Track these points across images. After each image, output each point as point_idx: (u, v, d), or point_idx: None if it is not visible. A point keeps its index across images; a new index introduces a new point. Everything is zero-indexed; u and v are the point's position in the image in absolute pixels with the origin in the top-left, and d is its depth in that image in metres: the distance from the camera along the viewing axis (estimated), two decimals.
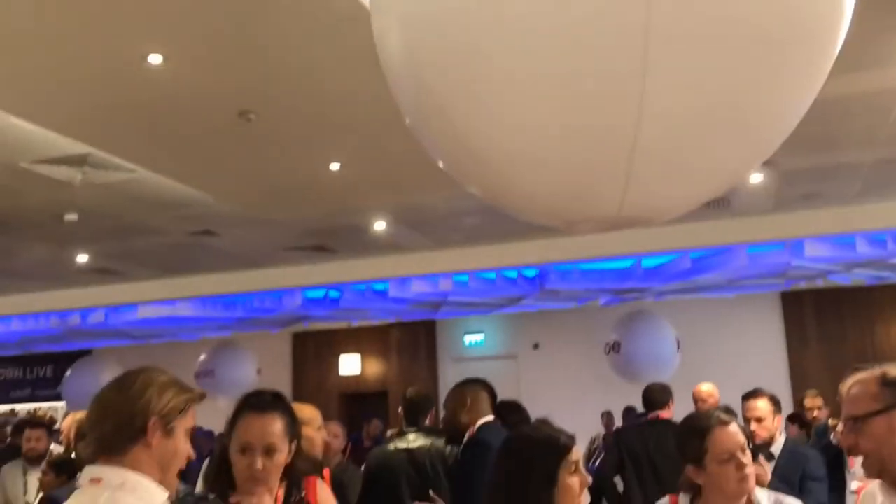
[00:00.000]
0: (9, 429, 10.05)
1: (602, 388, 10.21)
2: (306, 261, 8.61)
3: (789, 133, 1.71)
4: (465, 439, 3.72)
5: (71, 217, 6.70)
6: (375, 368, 13.30)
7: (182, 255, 8.23)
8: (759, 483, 2.59)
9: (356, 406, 12.53)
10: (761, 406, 3.82)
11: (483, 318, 11.92)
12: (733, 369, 9.36)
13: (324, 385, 12.84)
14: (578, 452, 2.20)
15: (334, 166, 5.69)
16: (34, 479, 5.46)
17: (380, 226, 7.39)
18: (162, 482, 1.79)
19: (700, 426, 2.41)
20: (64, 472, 5.23)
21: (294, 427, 2.31)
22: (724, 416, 2.44)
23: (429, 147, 1.81)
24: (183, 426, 1.84)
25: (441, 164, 1.86)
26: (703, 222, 7.41)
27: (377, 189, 6.34)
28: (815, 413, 6.14)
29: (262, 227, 7.35)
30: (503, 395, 4.28)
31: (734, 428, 2.42)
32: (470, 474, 3.45)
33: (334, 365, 13.11)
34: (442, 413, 4.17)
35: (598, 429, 10.16)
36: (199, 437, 6.93)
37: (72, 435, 5.42)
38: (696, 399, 5.70)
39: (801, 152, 5.68)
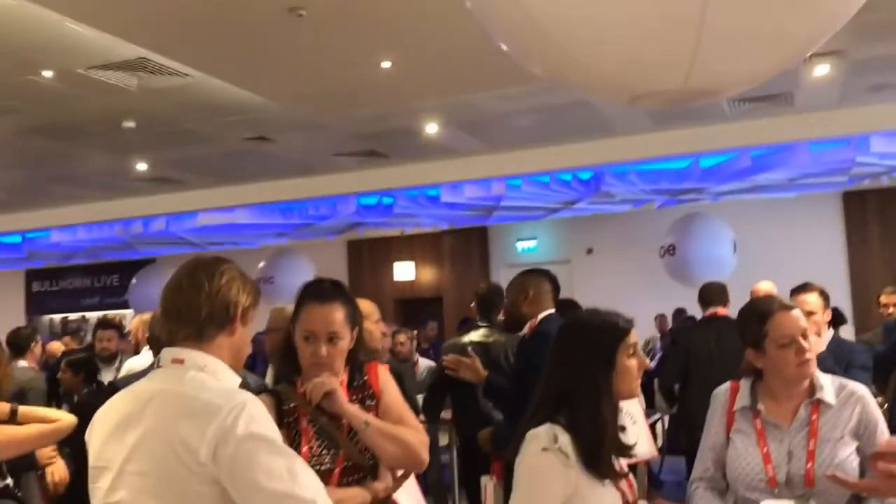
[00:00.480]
0: (83, 333, 10.54)
1: (656, 293, 10.17)
2: (360, 167, 8.64)
3: (857, 7, 1.64)
4: (527, 331, 3.65)
5: (129, 124, 6.81)
6: (429, 275, 13.45)
7: (238, 163, 8.33)
8: None
9: (411, 311, 12.75)
10: (811, 300, 3.69)
11: (536, 224, 11.90)
12: (791, 271, 9.12)
13: (379, 291, 13.06)
14: (636, 335, 2.22)
15: (385, 65, 5.63)
16: (108, 376, 5.74)
17: (432, 129, 7.34)
18: (234, 367, 1.86)
19: (761, 310, 2.40)
20: (82, 371, 5.50)
21: (355, 315, 2.35)
22: (786, 302, 2.43)
23: (491, 27, 1.77)
24: (252, 318, 1.91)
25: (503, 45, 1.82)
26: (764, 119, 7.20)
27: (429, 88, 6.25)
28: (891, 310, 6.08)
29: (315, 132, 7.37)
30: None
31: (796, 313, 2.40)
32: (532, 367, 3.35)
33: (389, 272, 13.30)
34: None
35: (652, 332, 10.20)
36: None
37: (140, 335, 5.67)
38: (754, 297, 5.66)
39: (870, 40, 5.43)
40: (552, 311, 3.60)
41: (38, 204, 9.88)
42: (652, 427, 5.87)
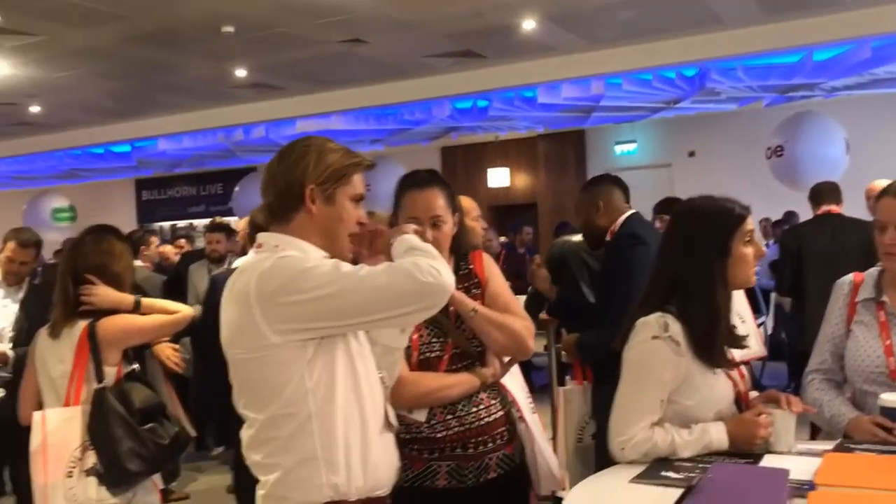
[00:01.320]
0: (193, 239, 10.98)
1: (761, 196, 9.69)
2: (454, 69, 8.51)
3: None
4: (609, 238, 3.50)
5: (228, 29, 6.87)
6: (523, 181, 13.33)
7: (334, 67, 8.34)
8: None
9: (506, 217, 12.71)
10: None
11: (634, 126, 11.55)
12: None
13: (473, 197, 12.89)
14: (752, 222, 2.14)
15: None
16: None
17: (528, 25, 7.13)
18: (329, 249, 1.82)
19: None
20: None
21: (454, 200, 2.35)
22: None
23: None
24: (346, 193, 1.82)
25: None
26: (887, 5, 6.68)
27: None
28: None
29: (408, 32, 7.27)
30: None
31: None
32: (620, 268, 3.24)
33: (483, 178, 13.22)
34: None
35: (757, 237, 9.89)
36: None
37: (246, 235, 5.86)
38: (868, 196, 5.41)
39: None
40: (629, 212, 3.42)
41: (145, 113, 10.21)
42: None
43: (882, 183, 5.58)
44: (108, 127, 10.73)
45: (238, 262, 5.56)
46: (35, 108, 9.88)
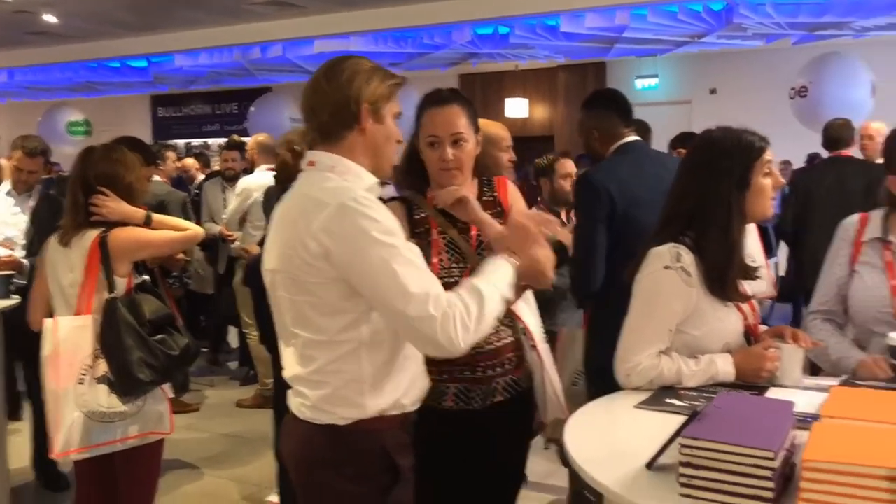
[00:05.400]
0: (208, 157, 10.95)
1: (784, 137, 9.49)
2: None
3: None
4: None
5: None
6: (542, 113, 13.16)
7: None
8: None
9: (522, 149, 12.53)
10: None
11: (657, 61, 11.33)
12: None
13: None
14: (772, 153, 2.10)
15: None
16: (232, 194, 5.99)
17: None
18: (375, 167, 1.86)
19: None
20: None
21: (476, 119, 2.31)
22: None
23: None
24: (390, 111, 1.86)
25: None
26: None
27: None
28: None
29: None
30: None
31: None
32: (578, 210, 3.14)
33: (500, 108, 13.04)
34: None
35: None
36: None
37: (255, 155, 5.86)
38: (862, 136, 5.41)
39: None
40: (626, 139, 3.13)
41: (163, 27, 10.08)
42: None
43: (877, 125, 5.53)
44: (124, 40, 10.62)
45: (249, 181, 5.61)
46: (50, 17, 9.75)
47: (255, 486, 4.26)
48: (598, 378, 2.79)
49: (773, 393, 1.94)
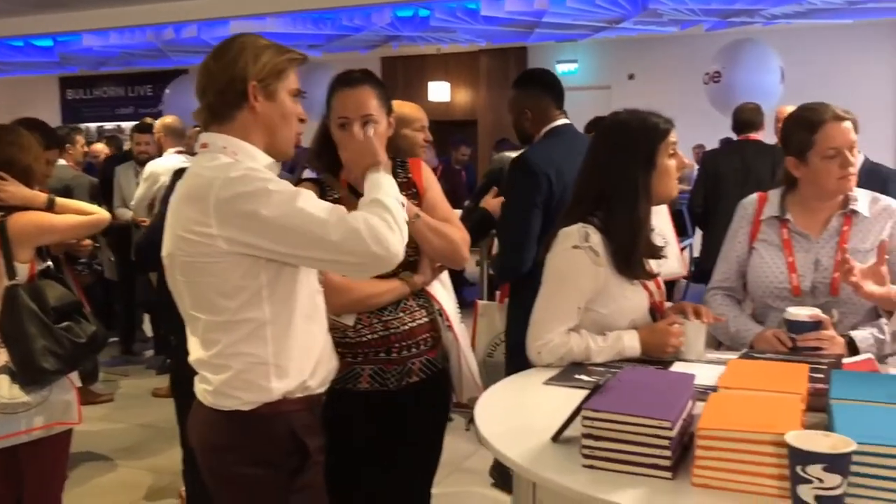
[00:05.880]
0: (120, 141, 10.63)
1: (698, 122, 9.86)
2: None
3: None
4: None
5: None
6: (464, 97, 13.20)
7: None
8: None
9: (445, 133, 12.60)
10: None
11: (577, 46, 11.48)
12: (839, 103, 8.88)
13: None
14: (676, 135, 2.16)
15: None
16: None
17: None
18: (271, 146, 1.82)
19: (812, 118, 2.30)
20: None
21: (388, 100, 2.29)
22: (840, 112, 2.31)
23: None
24: (285, 88, 1.82)
25: None
26: None
27: None
28: None
29: None
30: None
31: (847, 125, 2.30)
32: (508, 195, 3.17)
33: (423, 92, 13.03)
34: None
35: (691, 162, 10.06)
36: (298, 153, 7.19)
37: (162, 138, 5.73)
38: (778, 120, 5.57)
39: None
40: (558, 122, 3.15)
41: (70, 5, 9.65)
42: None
43: (790, 108, 5.72)
44: (27, 17, 10.13)
45: (157, 165, 5.46)
46: None
47: (172, 475, 4.18)
48: (516, 355, 2.83)
49: (677, 367, 2.01)
